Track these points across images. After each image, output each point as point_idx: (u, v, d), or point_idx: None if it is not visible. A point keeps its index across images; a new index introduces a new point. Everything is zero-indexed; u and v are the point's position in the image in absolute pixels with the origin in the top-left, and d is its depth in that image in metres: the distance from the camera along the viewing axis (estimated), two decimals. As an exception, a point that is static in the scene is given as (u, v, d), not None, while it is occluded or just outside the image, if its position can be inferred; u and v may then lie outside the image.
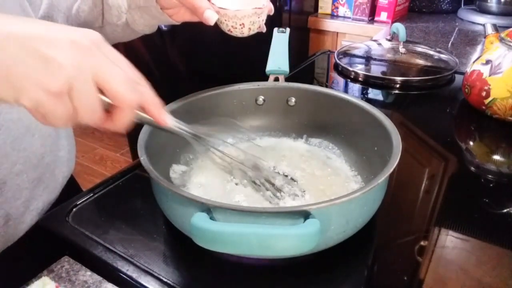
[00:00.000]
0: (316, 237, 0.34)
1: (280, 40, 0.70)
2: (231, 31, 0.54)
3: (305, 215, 0.36)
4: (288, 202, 0.49)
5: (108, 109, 0.33)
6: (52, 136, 0.54)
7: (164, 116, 0.39)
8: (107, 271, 0.43)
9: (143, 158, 0.43)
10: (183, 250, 0.45)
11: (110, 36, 0.60)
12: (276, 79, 0.62)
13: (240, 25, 0.53)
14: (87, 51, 0.30)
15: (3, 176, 0.47)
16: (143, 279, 0.41)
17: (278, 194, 0.49)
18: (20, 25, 0.29)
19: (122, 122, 0.34)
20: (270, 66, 0.62)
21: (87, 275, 0.43)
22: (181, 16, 0.56)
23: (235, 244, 0.34)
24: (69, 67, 0.29)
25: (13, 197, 0.48)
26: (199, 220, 0.34)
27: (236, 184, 0.52)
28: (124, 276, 0.42)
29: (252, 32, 0.54)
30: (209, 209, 0.36)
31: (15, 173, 0.48)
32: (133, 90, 0.33)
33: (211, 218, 0.36)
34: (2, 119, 0.46)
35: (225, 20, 0.52)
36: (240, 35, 0.54)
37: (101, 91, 0.32)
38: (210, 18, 0.51)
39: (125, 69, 0.33)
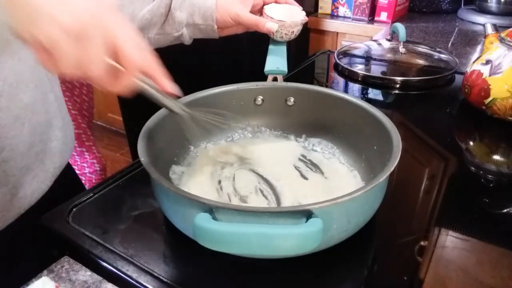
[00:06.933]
0: (319, 236, 0.34)
1: (279, 40, 0.70)
2: (283, 37, 0.67)
3: (307, 214, 0.36)
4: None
5: (113, 73, 0.34)
6: (43, 126, 0.53)
7: (168, 83, 0.39)
8: (107, 271, 0.43)
9: (143, 159, 0.43)
10: (183, 250, 0.45)
11: (152, 42, 0.66)
12: (275, 79, 0.62)
13: (291, 32, 0.66)
14: (106, 9, 0.33)
15: None
16: (143, 279, 0.41)
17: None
18: None
19: (124, 84, 0.35)
20: (269, 66, 0.62)
21: (87, 275, 0.43)
22: (230, 32, 0.66)
23: (238, 244, 0.34)
24: (87, 13, 0.31)
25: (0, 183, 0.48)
26: (202, 220, 0.34)
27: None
28: (124, 276, 0.42)
29: (293, 37, 0.68)
30: (211, 209, 0.36)
31: (1, 159, 0.48)
32: (141, 54, 0.35)
33: (213, 218, 0.36)
34: None
35: (281, 29, 0.65)
36: (287, 39, 0.68)
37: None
38: (272, 28, 0.63)
39: (134, 35, 0.35)
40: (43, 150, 0.54)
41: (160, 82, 0.39)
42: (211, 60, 1.49)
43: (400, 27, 0.95)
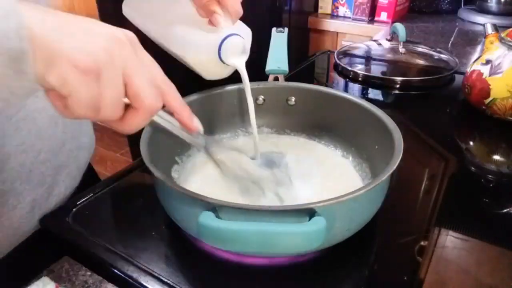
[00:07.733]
0: (322, 234, 0.34)
1: (279, 40, 0.70)
2: None
3: (310, 213, 0.36)
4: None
5: (126, 113, 0.32)
6: (74, 123, 0.54)
7: (190, 121, 0.38)
8: (107, 271, 0.43)
9: (146, 159, 0.43)
10: (184, 250, 0.45)
11: None
12: (276, 79, 0.62)
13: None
14: (122, 45, 0.31)
15: (29, 165, 0.47)
16: (143, 279, 0.41)
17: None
18: (64, 16, 0.30)
19: (133, 124, 0.33)
20: (270, 65, 0.62)
21: (87, 275, 0.43)
22: None
23: (242, 242, 0.34)
24: (101, 51, 0.29)
25: (38, 184, 0.49)
26: (206, 218, 0.35)
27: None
28: (124, 276, 0.42)
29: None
30: (214, 208, 0.36)
31: (40, 161, 0.48)
32: (155, 95, 0.33)
33: (217, 217, 0.36)
34: (28, 110, 0.46)
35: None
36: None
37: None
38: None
39: (154, 73, 0.33)
40: (76, 146, 0.55)
41: (181, 120, 0.38)
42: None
43: (400, 27, 0.95)
